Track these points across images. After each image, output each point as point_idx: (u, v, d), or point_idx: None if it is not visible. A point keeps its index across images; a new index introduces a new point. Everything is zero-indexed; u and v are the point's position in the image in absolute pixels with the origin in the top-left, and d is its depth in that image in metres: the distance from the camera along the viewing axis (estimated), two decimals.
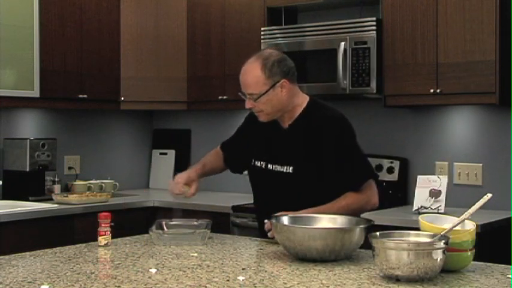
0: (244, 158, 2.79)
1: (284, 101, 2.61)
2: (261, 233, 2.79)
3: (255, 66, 2.58)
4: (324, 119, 2.61)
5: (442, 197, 3.74)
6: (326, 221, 2.41)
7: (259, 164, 2.69)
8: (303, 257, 2.23)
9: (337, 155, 2.56)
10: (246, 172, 2.86)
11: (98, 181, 4.75)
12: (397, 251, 1.91)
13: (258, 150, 2.72)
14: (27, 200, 4.20)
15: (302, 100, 2.68)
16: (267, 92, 2.56)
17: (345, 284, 1.93)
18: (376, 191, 2.64)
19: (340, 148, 2.58)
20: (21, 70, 4.16)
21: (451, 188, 3.98)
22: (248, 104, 2.62)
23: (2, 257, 2.33)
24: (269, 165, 2.66)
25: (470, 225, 2.13)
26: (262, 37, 4.40)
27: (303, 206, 2.52)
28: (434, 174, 4.01)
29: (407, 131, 4.28)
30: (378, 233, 2.06)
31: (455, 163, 4.11)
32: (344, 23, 4.09)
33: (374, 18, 4.00)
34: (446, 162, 4.13)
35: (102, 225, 2.53)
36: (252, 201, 2.93)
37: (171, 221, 2.74)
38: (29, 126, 4.64)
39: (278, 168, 2.63)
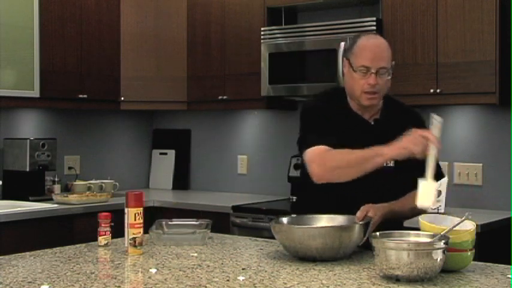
0: None
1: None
2: None
3: (384, 41, 2.53)
4: (409, 113, 2.60)
5: (442, 197, 3.72)
6: (325, 220, 2.41)
7: None
8: (303, 256, 2.24)
9: None
10: None
11: (98, 181, 4.75)
12: (397, 251, 1.91)
13: (343, 142, 2.46)
14: (27, 200, 4.20)
15: None
16: (391, 69, 2.51)
17: (345, 284, 1.94)
18: None
19: None
20: (21, 70, 4.16)
21: (451, 188, 3.97)
22: (374, 80, 2.44)
23: (2, 257, 2.33)
24: None
25: (470, 225, 2.13)
26: (262, 37, 4.40)
27: (396, 199, 2.49)
28: None
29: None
30: (378, 233, 2.06)
31: (455, 163, 4.11)
32: (344, 23, 4.09)
33: (374, 18, 4.00)
34: (446, 162, 4.13)
35: (102, 225, 2.53)
36: (251, 202, 2.92)
37: (171, 221, 2.74)
38: (29, 126, 4.64)
39: None
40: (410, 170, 2.38)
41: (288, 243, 2.27)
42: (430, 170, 2.22)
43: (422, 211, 2.51)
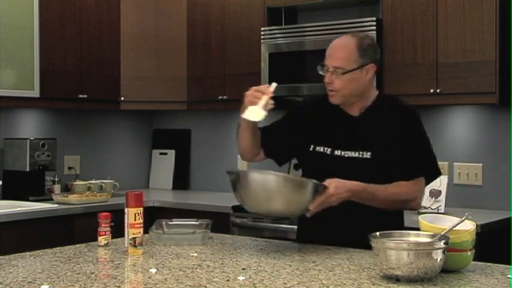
0: (289, 144, 2.68)
1: (364, 86, 2.57)
2: (300, 235, 2.73)
3: (351, 42, 2.56)
4: (399, 108, 2.61)
5: (442, 197, 3.74)
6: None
7: (322, 150, 2.59)
8: (264, 212, 2.43)
9: (412, 141, 2.55)
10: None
11: (98, 181, 4.75)
12: (397, 251, 1.91)
13: (320, 136, 2.61)
14: (27, 200, 4.20)
15: (375, 93, 2.65)
16: (354, 70, 2.52)
17: (345, 284, 1.94)
18: (424, 193, 2.59)
19: (416, 135, 2.57)
20: (21, 70, 4.16)
21: (451, 188, 3.98)
22: (328, 78, 2.55)
23: (2, 257, 2.33)
24: (336, 151, 2.56)
25: (470, 225, 2.13)
26: (262, 37, 4.40)
27: None
28: None
29: None
30: (378, 233, 2.06)
31: (455, 163, 4.11)
32: (344, 23, 4.08)
33: (374, 18, 4.00)
34: (446, 162, 4.13)
35: (102, 225, 2.52)
36: None
37: (171, 221, 2.74)
38: (29, 126, 4.64)
39: (350, 154, 2.54)
40: (386, 159, 2.49)
41: (246, 197, 2.37)
42: (262, 103, 2.48)
43: (407, 205, 2.55)
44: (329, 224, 2.51)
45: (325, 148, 2.59)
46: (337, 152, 2.56)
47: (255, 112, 2.46)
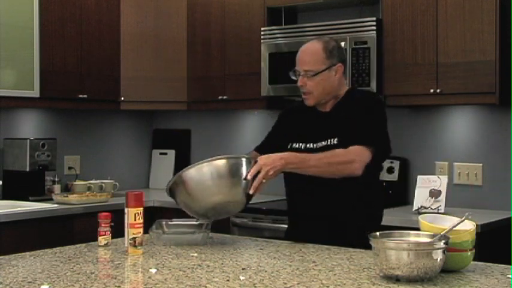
0: (278, 148, 2.79)
1: (334, 86, 2.73)
2: (289, 234, 2.81)
3: (317, 45, 2.74)
4: (363, 96, 2.79)
5: (442, 197, 3.74)
6: None
7: (297, 146, 2.74)
8: (209, 206, 2.49)
9: (364, 117, 2.66)
10: None
11: (98, 181, 4.75)
12: (397, 251, 1.91)
13: (296, 135, 2.77)
14: (27, 200, 4.20)
15: (345, 89, 2.80)
16: (323, 71, 2.69)
17: (345, 284, 1.94)
18: (366, 161, 2.62)
19: (369, 113, 2.68)
20: (21, 70, 4.16)
21: (451, 188, 3.98)
22: (300, 82, 2.72)
23: (2, 257, 2.33)
24: (309, 145, 2.70)
25: (470, 225, 2.13)
26: (262, 37, 4.40)
27: (346, 178, 2.60)
28: (434, 174, 4.01)
29: (407, 131, 4.28)
30: (378, 233, 2.06)
31: (455, 163, 4.11)
32: (344, 23, 4.09)
33: (374, 18, 4.00)
34: (446, 162, 4.13)
35: (102, 225, 2.53)
36: (251, 201, 2.91)
37: (171, 221, 2.74)
38: (29, 126, 4.64)
39: (321, 144, 2.67)
40: (352, 143, 2.61)
41: (187, 199, 2.49)
42: None
43: (345, 168, 2.61)
44: (314, 224, 2.67)
45: (300, 144, 2.74)
46: (310, 145, 2.71)
47: None
